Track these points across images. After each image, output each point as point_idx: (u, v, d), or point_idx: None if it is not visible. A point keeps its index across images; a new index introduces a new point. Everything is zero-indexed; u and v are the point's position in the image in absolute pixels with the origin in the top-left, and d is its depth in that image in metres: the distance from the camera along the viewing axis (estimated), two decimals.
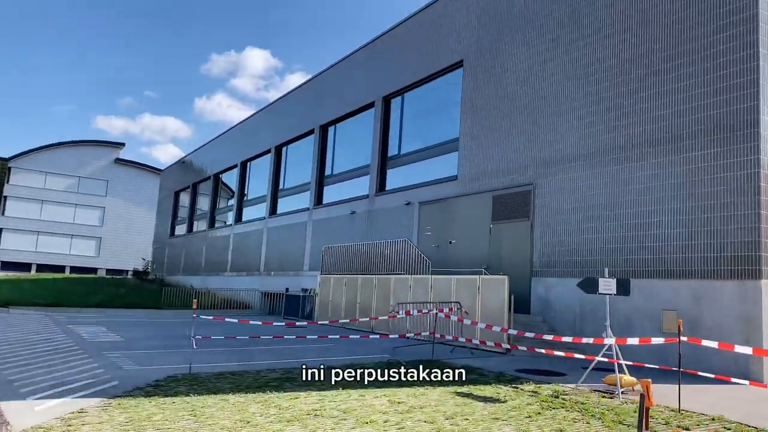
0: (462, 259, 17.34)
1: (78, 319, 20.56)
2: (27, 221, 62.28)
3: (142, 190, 67.26)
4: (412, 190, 20.40)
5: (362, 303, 18.77)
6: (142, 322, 20.65)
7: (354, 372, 9.33)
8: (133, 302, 28.90)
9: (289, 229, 28.58)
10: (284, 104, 31.38)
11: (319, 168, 27.14)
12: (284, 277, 28.08)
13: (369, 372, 9.78)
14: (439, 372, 10.02)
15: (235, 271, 33.85)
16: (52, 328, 16.69)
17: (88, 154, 65.90)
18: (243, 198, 35.67)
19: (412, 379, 9.36)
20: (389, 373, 9.74)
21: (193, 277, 39.13)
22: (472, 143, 17.88)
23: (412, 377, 9.46)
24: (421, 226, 19.51)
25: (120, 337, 14.94)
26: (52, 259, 62.66)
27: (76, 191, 65.05)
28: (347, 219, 23.94)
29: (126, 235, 66.40)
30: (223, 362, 10.89)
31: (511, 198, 16.20)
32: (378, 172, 22.60)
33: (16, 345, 12.59)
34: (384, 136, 22.79)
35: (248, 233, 33.13)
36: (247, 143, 35.27)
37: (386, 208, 21.59)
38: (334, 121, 26.59)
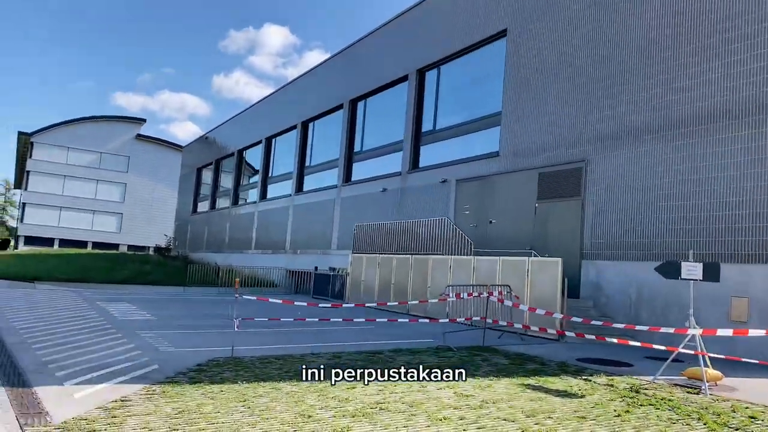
0: (503, 239, 16.54)
1: (105, 295, 20.16)
2: (50, 196, 62.46)
3: (163, 166, 67.04)
4: (448, 167, 19.56)
5: (397, 284, 18.08)
6: (170, 299, 20.20)
7: (408, 359, 8.68)
8: (158, 279, 28.58)
9: (316, 207, 27.93)
10: (311, 78, 30.52)
11: (347, 144, 26.34)
12: (311, 255, 27.50)
13: (422, 359, 9.16)
14: (498, 359, 9.32)
15: (260, 248, 33.36)
16: (81, 304, 16.25)
17: (110, 129, 65.72)
18: (268, 175, 35.04)
19: (467, 365, 8.69)
20: (443, 359, 9.10)
21: (217, 254, 38.76)
22: (517, 117, 16.95)
23: (468, 364, 8.78)
24: (458, 205, 18.70)
25: (151, 315, 14.42)
26: (75, 235, 62.92)
27: (98, 167, 65.05)
28: (378, 197, 23.18)
29: (147, 211, 66.39)
30: (263, 344, 10.27)
31: (560, 175, 15.30)
32: (411, 148, 21.76)
33: (47, 323, 12.10)
34: (418, 110, 21.89)
35: (273, 210, 32.56)
36: (272, 119, 34.53)
37: (420, 186, 20.78)
38: (364, 96, 25.71)
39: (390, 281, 18.36)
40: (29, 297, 17.81)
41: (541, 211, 15.71)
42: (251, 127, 37.55)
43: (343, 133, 26.54)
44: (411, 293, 17.28)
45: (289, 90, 33.01)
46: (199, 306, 17.94)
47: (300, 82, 31.85)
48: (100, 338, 10.27)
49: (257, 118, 36.98)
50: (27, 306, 15.16)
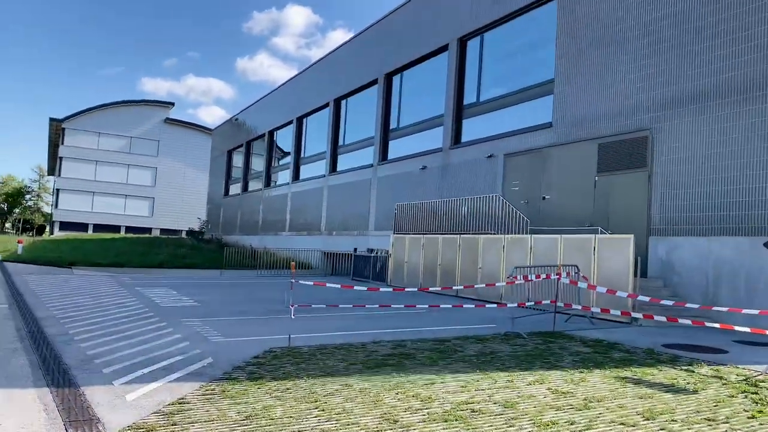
0: (558, 216, 15.53)
1: (143, 280, 19.74)
2: (82, 182, 62.92)
3: (193, 149, 66.99)
4: (494, 141, 18.53)
5: (444, 265, 17.22)
6: (209, 284, 19.69)
7: (478, 347, 7.87)
8: (194, 262, 28.20)
9: (352, 187, 27.14)
10: (343, 54, 29.53)
11: (383, 121, 25.40)
12: (348, 236, 26.80)
13: (494, 348, 8.32)
14: (577, 347, 8.43)
15: (295, 230, 32.80)
16: (120, 290, 15.78)
17: (139, 114, 65.74)
18: (300, 155, 34.32)
19: (547, 355, 7.82)
20: (516, 348, 8.25)
21: (251, 237, 38.39)
22: (571, 85, 15.81)
23: (548, 354, 7.92)
24: (507, 181, 17.70)
25: (193, 301, 13.84)
26: (108, 219, 63.41)
27: (129, 151, 65.23)
28: (417, 175, 22.27)
29: (178, 194, 66.52)
30: (318, 331, 9.55)
31: (623, 146, 14.19)
32: (453, 122, 20.74)
33: (87, 311, 11.56)
34: (459, 82, 20.81)
35: (307, 192, 31.88)
36: (303, 98, 33.69)
37: (463, 162, 19.80)
38: (400, 69, 24.68)
39: (436, 262, 17.51)
40: (67, 283, 17.44)
41: (602, 185, 14.64)
42: (281, 108, 36.80)
43: (379, 110, 25.60)
44: (459, 275, 16.43)
45: (320, 67, 32.08)
46: (241, 290, 17.36)
47: (331, 57, 30.90)
48: (144, 328, 9.66)
49: (287, 98, 36.19)
50: (65, 293, 14.72)
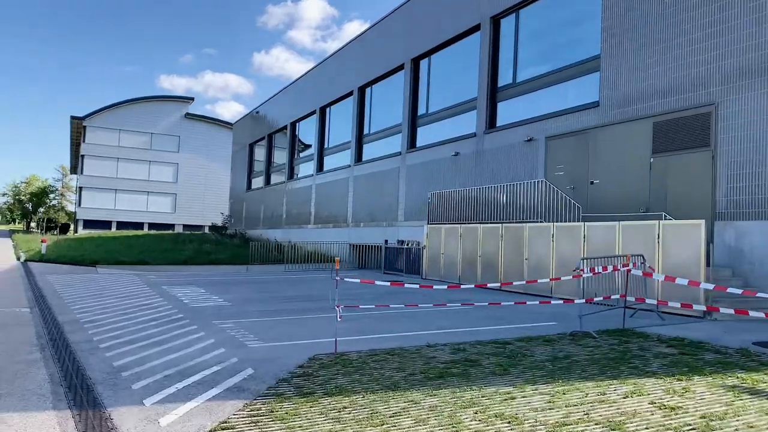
0: (609, 202, 14.44)
1: (169, 278, 19.07)
2: (104, 179, 62.90)
3: (214, 144, 66.62)
4: (533, 123, 17.45)
5: (485, 256, 16.23)
6: (237, 280, 18.95)
7: (546, 350, 6.91)
8: (219, 258, 27.58)
9: (379, 177, 26.21)
10: (367, 40, 28.54)
11: (411, 107, 24.39)
12: (376, 228, 25.91)
13: (565, 350, 7.33)
14: (658, 347, 7.40)
15: (320, 223, 32.01)
16: (146, 290, 15.07)
17: (159, 110, 65.48)
18: (323, 146, 33.46)
19: (630, 358, 6.83)
20: (590, 350, 7.26)
21: (275, 231, 37.74)
22: (620, 60, 14.67)
23: (629, 357, 6.93)
24: (550, 165, 16.63)
25: (223, 300, 13.05)
26: (131, 216, 63.38)
27: (149, 148, 65.05)
28: (449, 162, 21.27)
29: (200, 190, 66.27)
30: (362, 333, 8.68)
31: (682, 123, 13.05)
32: (487, 105, 19.67)
33: (112, 313, 10.82)
34: (493, 63, 19.72)
35: (332, 183, 31.04)
36: (326, 87, 32.79)
37: (499, 147, 18.75)
38: (427, 53, 23.62)
39: (476, 254, 16.54)
40: (92, 283, 16.81)
41: (658, 167, 13.52)
42: (303, 99, 35.96)
43: (406, 96, 24.59)
44: (503, 267, 15.43)
45: (343, 55, 31.11)
46: (270, 287, 16.58)
47: (354, 45, 29.92)
48: (174, 332, 8.86)
49: (309, 89, 35.33)
50: (90, 293, 14.05)
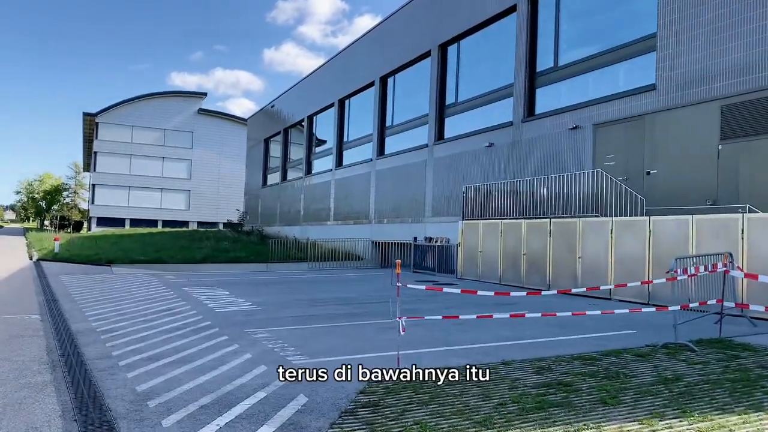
0: (668, 193, 13.14)
1: (189, 278, 18.03)
2: (118, 176, 62.16)
3: (227, 140, 65.73)
4: (579, 110, 16.17)
5: (530, 254, 14.99)
6: (260, 280, 17.86)
7: (645, 367, 5.68)
8: (238, 256, 26.51)
9: (403, 171, 25.01)
10: (389, 28, 27.29)
11: (438, 96, 23.14)
12: (401, 224, 24.73)
13: (670, 369, 6.10)
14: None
15: (340, 219, 30.87)
16: (165, 292, 14.01)
17: (171, 106, 64.63)
18: (342, 140, 32.30)
19: (749, 378, 5.62)
20: (697, 368, 6.05)
21: (292, 227, 36.66)
22: (680, 37, 13.35)
23: (750, 377, 5.73)
24: (598, 155, 15.35)
25: (251, 303, 11.93)
26: (145, 214, 62.63)
27: (163, 144, 64.23)
28: (482, 154, 20.02)
29: (214, 186, 65.40)
30: (419, 345, 7.49)
31: (755, 106, 11.74)
32: (525, 92, 18.39)
33: (131, 320, 9.73)
34: (531, 47, 18.43)
35: (352, 178, 29.88)
36: (344, 79, 31.60)
37: (540, 136, 17.48)
38: (456, 38, 22.34)
39: (519, 252, 15.30)
40: (107, 284, 15.78)
41: (728, 154, 12.21)
42: (320, 91, 34.80)
43: (433, 84, 23.34)
44: (551, 266, 14.19)
45: (364, 43, 29.89)
46: (298, 287, 15.46)
47: (375, 33, 28.69)
48: (202, 344, 7.75)
49: (327, 81, 34.15)
50: (106, 296, 12.99)
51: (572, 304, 11.87)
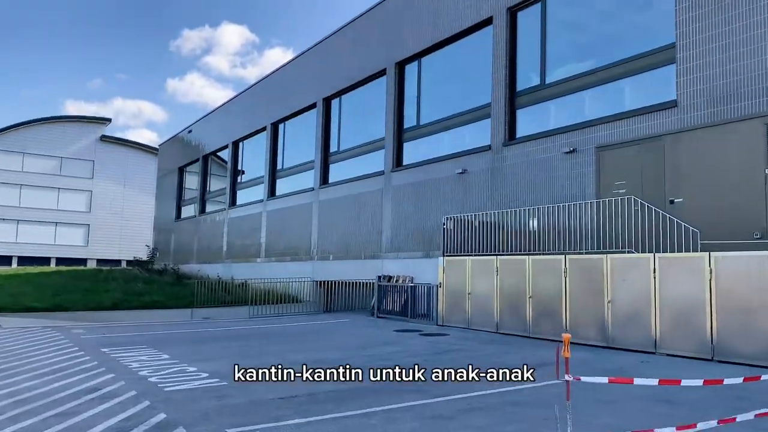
0: (698, 225, 11.31)
1: (105, 333, 14.25)
2: (4, 208, 54.93)
3: (133, 170, 60.26)
4: (575, 131, 14.33)
5: (539, 297, 12.62)
6: (198, 334, 14.41)
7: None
8: (155, 301, 22.54)
9: (353, 201, 22.37)
10: (337, 42, 24.86)
11: (396, 119, 20.84)
12: (353, 261, 21.94)
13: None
14: None
15: (274, 256, 27.55)
16: (80, 357, 10.38)
17: (70, 132, 58.52)
18: (275, 167, 29.22)
19: None
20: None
21: (214, 265, 32.74)
22: (708, 47, 11.79)
23: None
24: (604, 181, 13.47)
25: (206, 374, 8.67)
26: (36, 251, 55.57)
27: (59, 173, 57.76)
28: (453, 181, 17.81)
29: (117, 220, 59.44)
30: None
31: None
32: (505, 113, 16.43)
33: (38, 414, 6.32)
34: (511, 63, 16.58)
35: (289, 209, 26.80)
36: (279, 100, 28.70)
37: (525, 162, 15.50)
38: (416, 56, 20.25)
39: (523, 294, 12.93)
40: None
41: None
42: (249, 114, 31.67)
43: (390, 105, 21.04)
44: (568, 312, 11.91)
45: (305, 60, 27.23)
46: (254, 344, 12.25)
47: (322, 47, 26.14)
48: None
49: (257, 103, 31.10)
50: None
51: (623, 361, 9.61)
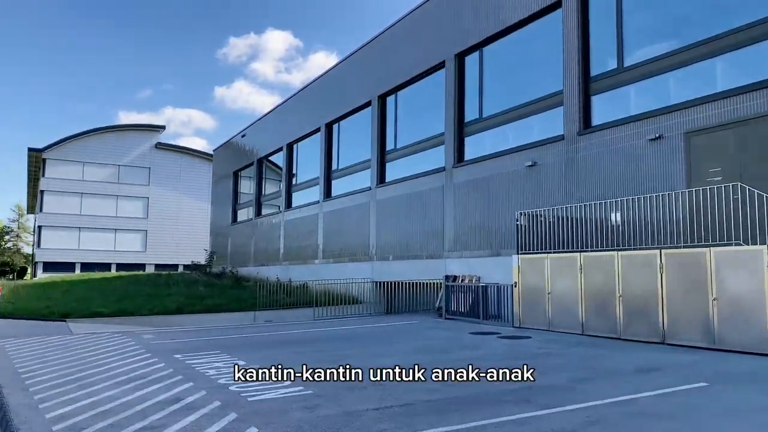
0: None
1: (174, 338, 14.03)
2: (67, 217, 56.76)
3: (188, 176, 61.36)
4: (661, 116, 13.30)
5: (629, 296, 11.69)
6: (267, 338, 14.04)
7: None
8: (217, 304, 22.57)
9: (413, 199, 21.73)
10: (391, 37, 24.30)
11: (456, 113, 20.10)
12: (414, 261, 21.32)
13: None
14: None
15: (331, 257, 27.19)
16: (153, 363, 10.09)
17: (126, 140, 60.01)
18: (330, 168, 28.88)
19: None
20: None
21: (270, 268, 32.70)
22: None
23: None
24: (696, 169, 12.42)
25: (288, 381, 8.17)
26: (97, 257, 57.18)
27: (117, 181, 59.30)
28: (520, 176, 16.97)
29: (173, 226, 60.57)
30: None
31: None
32: (580, 100, 15.50)
33: (123, 428, 5.91)
34: (583, 46, 15.64)
35: (345, 210, 26.39)
36: (332, 101, 28.35)
37: (605, 151, 14.54)
38: (477, 46, 19.45)
39: (612, 293, 12.02)
40: (68, 352, 11.73)
41: None
42: (303, 116, 31.44)
43: (449, 98, 20.32)
44: (665, 311, 10.96)
45: (357, 59, 26.79)
46: (326, 347, 11.77)
47: (375, 44, 25.65)
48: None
49: (310, 105, 30.84)
50: (71, 376, 9.04)
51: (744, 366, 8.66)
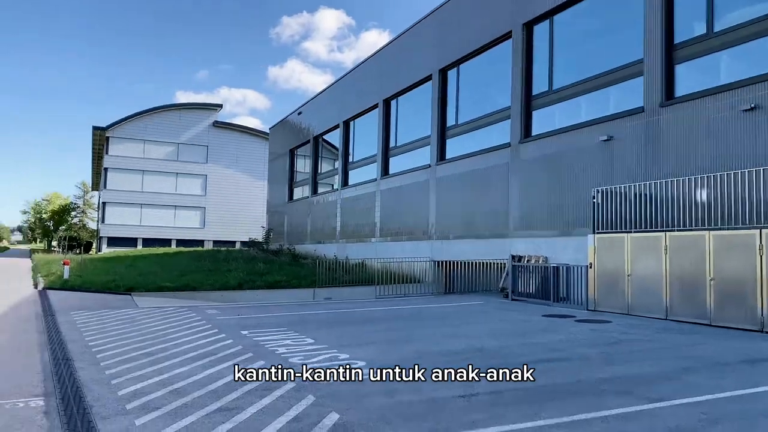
0: None
1: (239, 314, 13.96)
2: (129, 193, 58.52)
3: (244, 154, 62.12)
4: (757, 84, 12.17)
5: (723, 281, 10.80)
6: (332, 316, 13.80)
7: None
8: (277, 280, 22.53)
9: (476, 177, 21.01)
10: (454, 7, 23.45)
11: (523, 86, 19.18)
12: (475, 240, 20.68)
13: None
14: None
15: (388, 235, 26.83)
16: (221, 339, 9.94)
17: (185, 118, 61.10)
18: (388, 145, 28.36)
19: None
20: None
21: (328, 246, 32.64)
22: None
23: None
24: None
25: (360, 361, 7.81)
26: (158, 233, 58.84)
27: (176, 159, 60.63)
28: (594, 151, 16.03)
29: (231, 203, 61.60)
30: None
31: None
32: (662, 68, 14.41)
33: (200, 408, 5.66)
34: (668, 10, 14.49)
35: (404, 188, 25.88)
36: (390, 76, 27.72)
37: (690, 124, 13.48)
38: (549, 13, 18.43)
39: (701, 276, 11.15)
40: (136, 325, 11.77)
41: None
42: (360, 92, 30.94)
43: (516, 70, 19.40)
44: (766, 295, 10.06)
45: (418, 32, 26.03)
46: (395, 327, 11.40)
47: (436, 16, 24.84)
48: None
49: (368, 80, 30.28)
50: (140, 351, 8.97)
51: None
